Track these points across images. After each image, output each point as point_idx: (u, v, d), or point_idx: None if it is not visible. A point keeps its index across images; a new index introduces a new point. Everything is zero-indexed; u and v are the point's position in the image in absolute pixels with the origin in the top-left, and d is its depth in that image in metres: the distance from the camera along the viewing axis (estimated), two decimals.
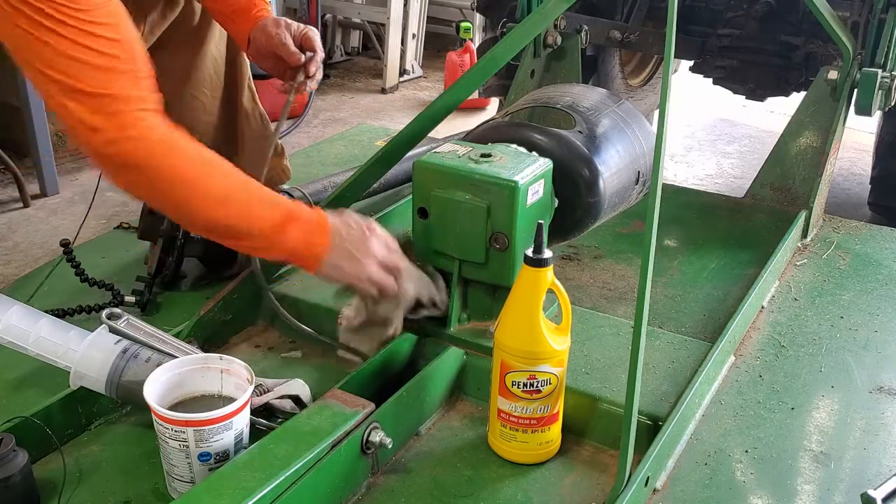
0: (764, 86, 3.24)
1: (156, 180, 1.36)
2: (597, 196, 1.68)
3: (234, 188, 1.40)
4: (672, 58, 1.62)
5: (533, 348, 1.36)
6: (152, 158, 1.33)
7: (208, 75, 2.12)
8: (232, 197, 1.39)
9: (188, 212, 1.41)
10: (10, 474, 1.26)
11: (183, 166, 1.36)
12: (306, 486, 1.24)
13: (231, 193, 1.40)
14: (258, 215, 1.41)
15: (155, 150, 1.33)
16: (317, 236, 1.45)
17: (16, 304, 1.50)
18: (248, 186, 1.42)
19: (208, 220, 1.41)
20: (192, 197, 1.38)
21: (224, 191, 1.39)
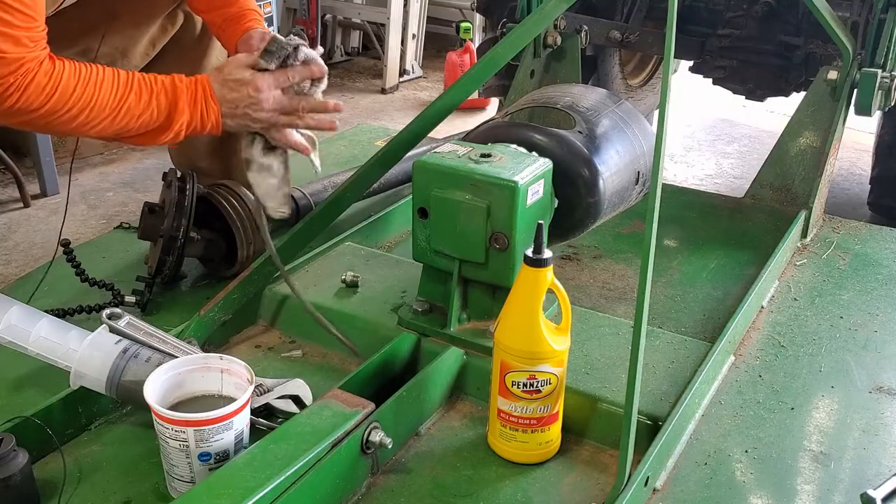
0: (764, 86, 3.24)
1: (56, 116, 1.48)
2: (596, 196, 1.68)
3: (121, 97, 1.52)
4: (672, 58, 1.62)
5: (533, 348, 1.36)
6: (44, 98, 1.45)
7: None
8: (123, 106, 1.52)
9: (95, 131, 1.54)
10: (10, 474, 1.26)
11: (73, 94, 1.47)
12: (306, 486, 1.24)
13: (121, 103, 1.52)
14: (148, 110, 1.55)
15: (43, 90, 1.44)
16: (205, 109, 1.60)
17: (16, 304, 1.50)
18: (134, 86, 1.54)
19: (111, 131, 1.54)
20: (91, 118, 1.51)
21: (114, 104, 1.51)
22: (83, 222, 3.03)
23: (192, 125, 1.59)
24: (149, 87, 1.55)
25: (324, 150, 2.94)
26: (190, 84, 1.59)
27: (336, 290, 1.83)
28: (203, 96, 1.59)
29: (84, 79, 1.49)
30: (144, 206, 1.95)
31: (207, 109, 1.59)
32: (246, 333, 1.80)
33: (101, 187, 3.33)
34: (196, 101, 1.58)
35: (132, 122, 1.54)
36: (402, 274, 1.87)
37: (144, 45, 2.00)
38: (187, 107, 1.57)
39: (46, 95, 1.45)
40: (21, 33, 1.40)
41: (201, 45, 2.08)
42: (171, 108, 1.56)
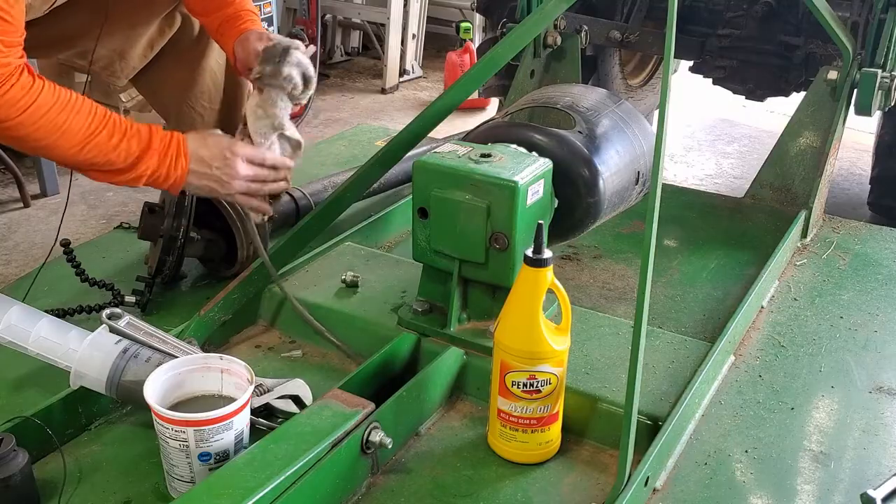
0: (764, 86, 3.24)
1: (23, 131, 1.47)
2: (596, 196, 1.68)
3: (93, 130, 1.52)
4: (672, 58, 1.62)
5: (533, 348, 1.36)
6: (16, 111, 1.44)
7: (207, 88, 2.12)
8: (92, 139, 1.51)
9: (56, 155, 1.54)
10: (10, 474, 1.26)
11: (46, 115, 1.47)
12: (306, 486, 1.24)
13: (91, 136, 1.51)
14: (116, 150, 1.54)
15: (17, 103, 1.43)
16: (174, 162, 1.59)
17: (16, 304, 1.50)
18: (108, 124, 1.53)
19: (73, 160, 1.54)
20: (57, 142, 1.50)
21: (84, 134, 1.51)
22: (83, 222, 3.03)
23: (155, 175, 1.59)
24: (122, 129, 1.55)
25: (324, 151, 2.96)
26: (165, 137, 1.59)
27: (336, 290, 1.83)
28: (175, 151, 1.59)
29: (61, 102, 1.49)
30: (144, 206, 1.95)
31: (175, 164, 1.59)
32: (246, 333, 1.80)
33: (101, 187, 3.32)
34: (167, 154, 1.58)
35: (98, 158, 1.54)
36: (402, 274, 1.87)
37: (142, 47, 2.00)
38: (156, 156, 1.57)
39: (18, 109, 1.44)
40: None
41: (199, 48, 2.08)
42: (140, 154, 1.56)
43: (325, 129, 4.35)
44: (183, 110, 2.10)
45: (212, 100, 2.14)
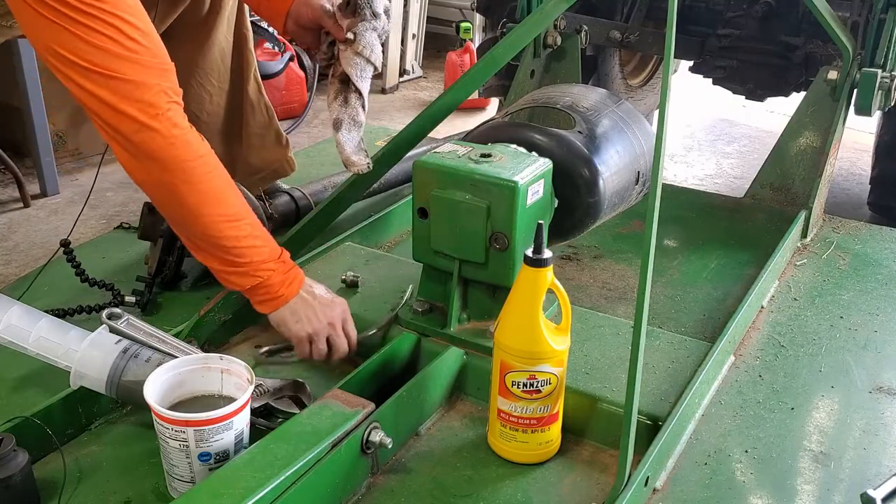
0: (764, 86, 3.24)
1: (172, 177, 1.40)
2: (596, 196, 1.68)
3: (245, 213, 1.48)
4: (672, 58, 1.62)
5: (533, 348, 1.36)
6: (174, 154, 1.39)
7: (216, 65, 2.11)
8: (243, 220, 1.47)
9: (194, 219, 1.46)
10: (10, 474, 1.26)
11: (201, 173, 1.42)
12: (306, 486, 1.24)
13: (243, 217, 1.48)
14: (257, 244, 1.50)
15: (178, 146, 1.39)
16: (289, 282, 1.55)
17: (16, 304, 1.50)
18: (252, 217, 1.51)
19: (211, 233, 1.46)
20: (203, 205, 1.44)
21: (237, 211, 1.47)
22: (83, 222, 3.02)
23: (267, 284, 1.53)
24: (261, 228, 1.52)
25: (324, 151, 2.96)
26: (287, 258, 1.57)
27: (336, 291, 1.82)
28: (294, 274, 1.56)
29: (220, 168, 1.46)
30: (144, 206, 1.95)
31: (290, 285, 1.55)
32: (246, 333, 1.80)
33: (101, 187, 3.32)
34: (287, 272, 1.55)
35: (235, 242, 1.47)
36: (402, 274, 1.87)
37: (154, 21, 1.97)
38: (279, 269, 1.53)
39: (194, 153, 1.40)
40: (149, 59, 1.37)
41: (208, 24, 2.06)
42: (268, 258, 1.51)
43: (325, 129, 4.35)
44: (192, 89, 2.08)
45: (221, 78, 2.13)
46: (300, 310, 1.56)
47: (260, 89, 2.24)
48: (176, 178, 1.41)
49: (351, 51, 1.70)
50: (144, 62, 1.36)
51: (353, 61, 1.69)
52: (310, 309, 1.57)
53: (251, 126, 2.23)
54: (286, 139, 2.33)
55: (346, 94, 1.70)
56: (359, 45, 1.69)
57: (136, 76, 1.35)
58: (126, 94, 1.34)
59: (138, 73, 1.35)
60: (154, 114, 1.36)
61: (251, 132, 2.24)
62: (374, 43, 1.70)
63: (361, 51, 1.68)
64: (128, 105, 1.35)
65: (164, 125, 1.37)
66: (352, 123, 1.69)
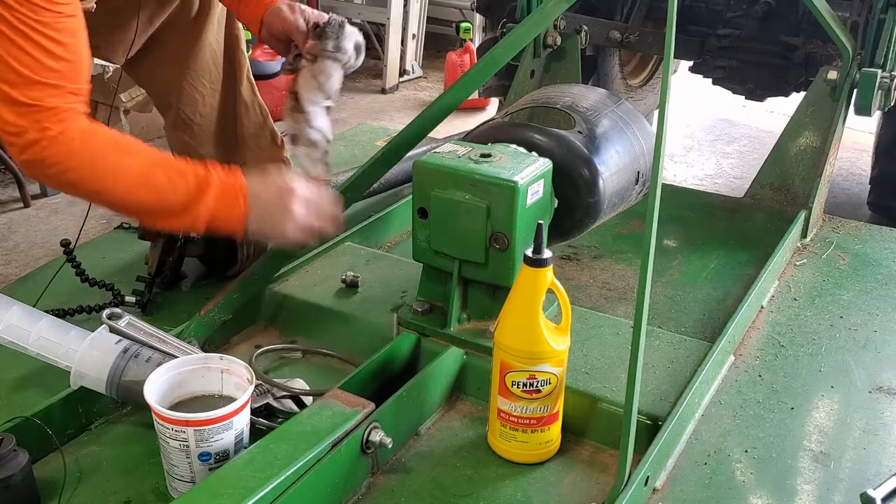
0: (763, 86, 3.24)
1: (78, 174, 1.42)
2: (596, 196, 1.68)
3: (149, 170, 1.45)
4: (672, 58, 1.62)
5: (533, 348, 1.36)
6: (72, 154, 1.39)
7: (207, 67, 2.10)
8: (148, 179, 1.45)
9: (112, 199, 1.48)
10: (10, 474, 1.26)
11: (101, 157, 1.42)
12: (306, 486, 1.24)
13: (147, 176, 1.45)
14: (173, 190, 1.46)
15: (73, 145, 1.39)
16: (233, 202, 1.49)
17: (16, 304, 1.50)
18: (164, 163, 1.48)
19: (129, 203, 1.48)
20: (112, 186, 1.45)
21: (140, 175, 1.45)
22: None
23: (214, 217, 1.48)
24: (178, 168, 1.47)
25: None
26: (223, 175, 1.50)
27: (336, 290, 1.83)
28: (234, 191, 1.49)
29: (116, 144, 1.44)
30: None
31: (234, 204, 1.49)
32: (246, 333, 1.80)
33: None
34: (224, 194, 1.48)
35: (154, 200, 1.46)
36: (402, 274, 1.87)
37: (140, 23, 1.95)
38: (214, 196, 1.47)
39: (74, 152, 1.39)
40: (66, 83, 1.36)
41: (198, 25, 2.04)
42: (197, 193, 1.46)
43: None
44: (184, 90, 2.07)
45: (212, 79, 2.12)
46: (262, 226, 1.53)
47: (253, 90, 2.23)
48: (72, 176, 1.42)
49: (308, 71, 1.72)
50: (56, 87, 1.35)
51: (307, 82, 1.71)
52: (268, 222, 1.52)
53: (246, 127, 2.23)
54: (281, 139, 2.33)
55: (295, 111, 1.71)
56: (317, 68, 1.71)
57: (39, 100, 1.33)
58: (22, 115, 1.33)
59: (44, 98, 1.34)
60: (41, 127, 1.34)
61: (246, 133, 2.23)
62: (332, 73, 1.71)
63: (317, 75, 1.70)
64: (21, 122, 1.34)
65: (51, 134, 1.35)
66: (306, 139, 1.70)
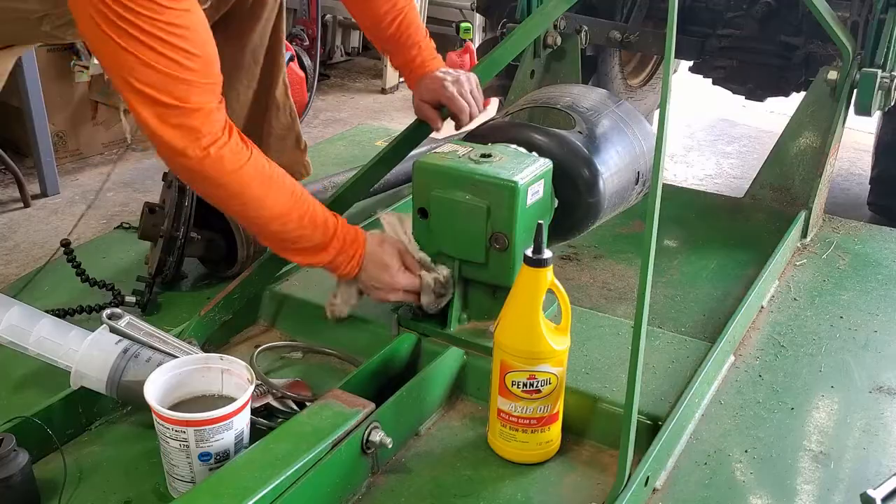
0: (764, 86, 3.24)
1: (224, 194, 1.46)
2: (596, 196, 1.68)
3: (286, 212, 1.50)
4: (672, 58, 1.62)
5: (533, 348, 1.36)
6: (225, 175, 1.42)
7: (247, 65, 2.10)
8: (283, 221, 1.50)
9: (244, 220, 1.57)
10: (10, 474, 1.26)
11: (251, 184, 1.45)
12: (306, 486, 1.24)
13: (283, 217, 1.49)
14: (300, 238, 1.52)
15: (227, 168, 1.41)
16: (350, 259, 1.57)
17: (16, 304, 1.50)
18: (300, 208, 1.51)
19: (259, 230, 1.54)
20: (251, 213, 1.49)
21: (278, 214, 1.49)
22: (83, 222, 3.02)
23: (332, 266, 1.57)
24: (312, 215, 1.52)
25: (324, 151, 2.96)
26: (348, 231, 1.57)
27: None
28: (354, 250, 1.57)
29: (265, 174, 1.47)
30: (144, 206, 1.95)
31: (350, 261, 1.57)
32: (246, 333, 1.80)
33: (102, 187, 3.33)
34: (344, 251, 1.56)
35: (287, 235, 1.52)
36: None
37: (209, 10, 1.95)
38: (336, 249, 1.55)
39: (225, 172, 1.41)
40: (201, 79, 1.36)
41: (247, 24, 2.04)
42: (324, 243, 1.54)
43: (325, 129, 4.35)
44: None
45: (250, 77, 2.12)
46: (368, 283, 1.60)
47: (287, 92, 2.24)
48: (214, 192, 1.47)
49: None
50: (193, 82, 1.35)
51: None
52: (375, 280, 1.59)
53: (273, 128, 2.23)
54: (305, 143, 2.33)
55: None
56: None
57: (180, 99, 1.34)
58: (165, 119, 1.35)
59: (184, 94, 1.34)
60: (190, 140, 1.36)
61: (273, 134, 2.23)
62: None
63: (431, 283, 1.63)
64: (165, 130, 1.35)
65: (195, 152, 1.37)
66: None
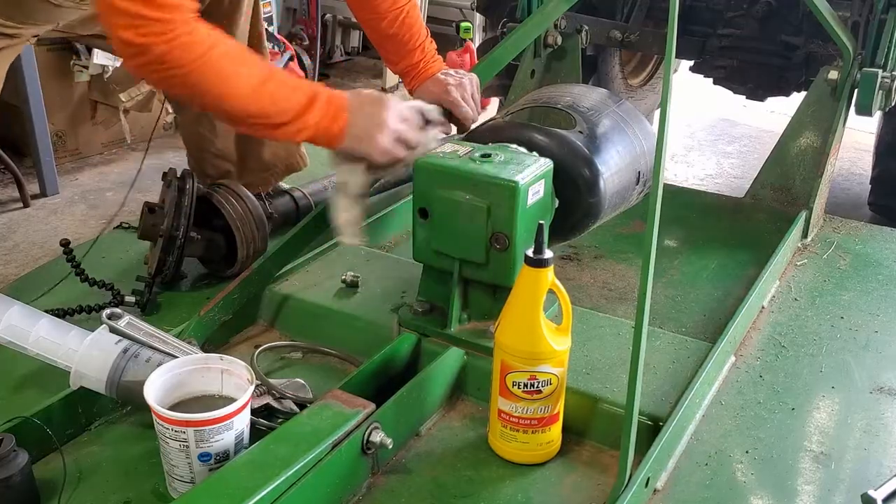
0: (764, 86, 3.24)
1: (194, 81, 1.42)
2: (597, 196, 1.68)
3: (262, 80, 1.47)
4: (673, 58, 1.61)
5: (533, 348, 1.36)
6: (193, 62, 1.39)
7: None
8: (261, 89, 1.47)
9: (226, 104, 1.48)
10: (10, 474, 1.26)
11: (220, 63, 1.43)
12: (306, 487, 1.24)
13: (262, 83, 1.47)
14: (286, 100, 1.49)
15: (195, 52, 1.39)
16: (337, 113, 1.53)
17: (16, 304, 1.50)
18: (274, 76, 1.49)
19: (242, 108, 1.48)
20: (227, 94, 1.46)
21: (257, 81, 1.46)
22: (83, 222, 3.02)
23: (318, 129, 1.53)
24: (289, 81, 1.51)
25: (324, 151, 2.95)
26: (326, 91, 1.54)
27: (336, 290, 1.83)
28: (336, 106, 1.53)
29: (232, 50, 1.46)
30: (144, 206, 1.95)
31: (336, 118, 1.53)
32: (246, 333, 1.80)
33: (101, 187, 3.32)
34: (328, 109, 1.52)
35: (267, 108, 1.48)
36: (402, 274, 1.87)
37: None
38: (321, 109, 1.51)
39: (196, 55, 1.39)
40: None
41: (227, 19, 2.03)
42: (307, 104, 1.50)
43: None
44: None
45: None
46: (360, 129, 1.54)
47: None
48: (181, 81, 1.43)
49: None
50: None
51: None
52: (367, 120, 1.55)
53: None
54: None
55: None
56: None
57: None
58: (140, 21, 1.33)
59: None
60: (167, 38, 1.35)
61: None
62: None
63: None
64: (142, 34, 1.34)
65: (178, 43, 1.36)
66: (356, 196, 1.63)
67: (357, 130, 1.54)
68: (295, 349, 1.73)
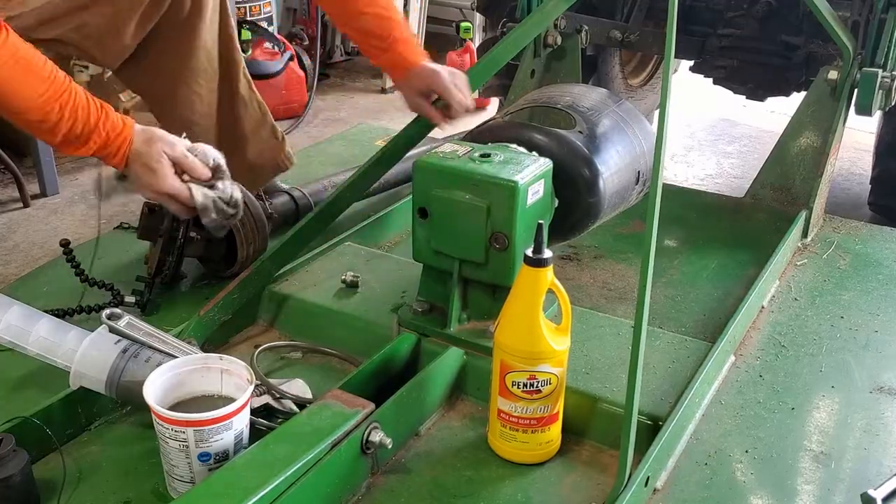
0: (764, 86, 3.23)
1: None
2: (597, 196, 1.68)
3: (46, 101, 1.47)
4: (672, 58, 1.61)
5: (533, 348, 1.36)
6: None
7: (203, 67, 2.09)
8: (45, 109, 1.47)
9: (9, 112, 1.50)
10: (10, 474, 1.26)
11: (2, 68, 1.43)
12: (306, 487, 1.24)
13: (44, 106, 1.47)
14: (62, 127, 1.49)
15: None
16: (112, 158, 1.55)
17: (16, 304, 1.50)
18: (62, 100, 1.49)
19: (26, 121, 1.50)
20: (12, 101, 1.47)
21: (41, 96, 1.47)
22: (83, 222, 3.02)
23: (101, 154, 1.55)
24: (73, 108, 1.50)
25: (324, 151, 2.96)
26: (116, 117, 1.56)
27: (336, 290, 1.83)
28: (119, 143, 1.55)
29: (20, 56, 1.45)
30: (144, 206, 1.95)
31: (116, 153, 1.55)
32: (246, 333, 1.80)
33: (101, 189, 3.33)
34: (107, 148, 1.54)
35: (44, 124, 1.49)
36: (402, 274, 1.87)
37: (135, 22, 1.93)
38: (95, 148, 1.54)
39: None
40: None
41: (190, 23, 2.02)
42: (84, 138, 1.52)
43: (325, 128, 4.35)
44: (180, 92, 2.06)
45: (209, 79, 2.10)
46: (136, 177, 1.57)
47: (250, 86, 2.22)
48: None
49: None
50: None
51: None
52: (141, 174, 1.56)
53: (245, 123, 2.22)
54: (282, 134, 2.32)
55: None
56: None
57: None
58: None
59: None
60: None
61: (246, 129, 2.22)
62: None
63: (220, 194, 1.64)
64: None
65: None
66: None
67: (132, 178, 1.57)
68: (295, 349, 1.73)
